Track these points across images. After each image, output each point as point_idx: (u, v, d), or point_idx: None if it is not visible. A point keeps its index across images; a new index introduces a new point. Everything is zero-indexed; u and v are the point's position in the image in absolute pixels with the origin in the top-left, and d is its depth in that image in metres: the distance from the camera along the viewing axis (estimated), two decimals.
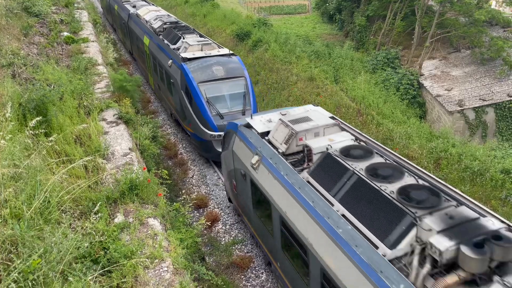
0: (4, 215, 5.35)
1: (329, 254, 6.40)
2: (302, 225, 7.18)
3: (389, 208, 5.99)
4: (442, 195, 6.18)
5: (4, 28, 13.36)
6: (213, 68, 14.58)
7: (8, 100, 8.10)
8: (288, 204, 7.67)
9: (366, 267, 5.53)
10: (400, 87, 23.02)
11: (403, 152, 14.88)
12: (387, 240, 5.73)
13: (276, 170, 8.17)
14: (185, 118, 15.34)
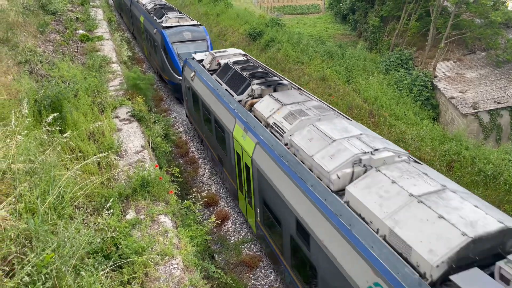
0: (19, 209, 5.46)
1: (228, 123, 11.66)
2: (217, 111, 12.44)
3: (241, 79, 12.27)
4: (270, 75, 12.42)
5: (21, 26, 13.58)
6: (183, 33, 19.67)
7: (25, 96, 8.24)
8: (205, 95, 13.63)
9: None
10: (413, 88, 22.80)
11: (416, 154, 14.76)
12: (237, 92, 11.83)
13: (201, 76, 14.15)
14: (164, 70, 20.48)
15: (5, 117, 7.49)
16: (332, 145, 7.70)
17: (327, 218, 6.79)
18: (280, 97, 10.32)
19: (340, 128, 8.34)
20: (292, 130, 9.00)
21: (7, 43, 11.47)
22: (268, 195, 9.31)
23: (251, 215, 11.10)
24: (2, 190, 5.78)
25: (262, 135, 9.59)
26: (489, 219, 5.46)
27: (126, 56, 19.24)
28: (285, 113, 9.57)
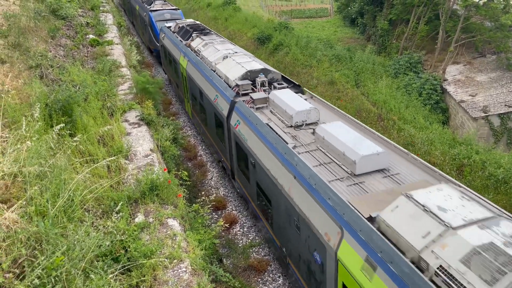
0: (30, 212, 5.51)
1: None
2: (174, 53, 18.59)
3: (188, 32, 18.55)
4: (206, 30, 19.35)
5: (32, 30, 13.76)
6: (164, 14, 26.36)
7: (36, 100, 8.34)
8: (169, 46, 19.73)
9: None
10: (422, 92, 22.66)
11: (425, 158, 14.63)
12: (184, 39, 18.23)
13: (169, 36, 20.09)
14: (150, 42, 27.10)
15: (17, 120, 7.59)
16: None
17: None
18: (204, 37, 17.77)
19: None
20: (201, 49, 16.65)
21: (19, 47, 11.63)
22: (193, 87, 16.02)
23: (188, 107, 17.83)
24: (13, 193, 5.84)
25: (192, 57, 16.59)
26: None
27: (135, 60, 19.39)
28: (203, 43, 16.98)
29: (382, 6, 34.27)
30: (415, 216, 5.96)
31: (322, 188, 7.49)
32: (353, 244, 6.44)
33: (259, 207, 11.05)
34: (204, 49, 16.10)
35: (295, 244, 8.80)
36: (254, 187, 10.99)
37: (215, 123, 13.75)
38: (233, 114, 11.90)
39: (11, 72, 9.79)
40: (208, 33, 18.75)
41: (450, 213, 5.81)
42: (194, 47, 17.01)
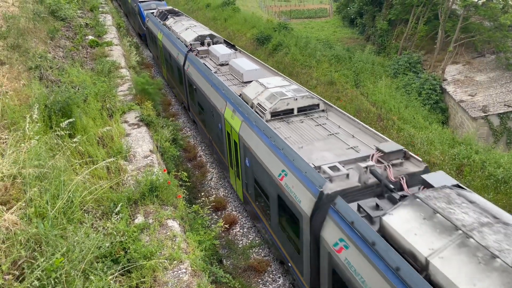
0: (29, 214, 5.51)
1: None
2: (155, 32, 22.97)
3: (165, 14, 24.20)
4: (180, 13, 24.62)
5: (31, 32, 13.75)
6: (151, 4, 30.20)
7: (35, 101, 8.33)
8: (152, 27, 24.02)
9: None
10: (422, 92, 22.68)
11: (425, 158, 14.63)
12: (162, 20, 23.71)
13: (152, 19, 24.12)
14: (139, 27, 31.15)
15: (16, 122, 7.58)
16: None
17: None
18: (175, 17, 22.59)
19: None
20: (172, 25, 21.53)
21: (18, 49, 11.62)
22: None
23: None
24: (13, 194, 5.83)
25: (166, 31, 21.06)
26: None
27: (134, 61, 19.38)
28: (174, 21, 21.85)
29: (381, 6, 34.29)
30: (257, 88, 11.72)
31: (224, 88, 12.95)
32: (230, 108, 12.15)
33: (200, 118, 16.60)
34: (174, 25, 21.42)
35: (214, 128, 14.33)
36: (197, 106, 16.52)
37: (178, 73, 18.71)
38: (186, 62, 16.99)
39: (10, 73, 9.79)
40: (179, 15, 24.26)
41: (272, 84, 11.70)
42: (168, 24, 22.08)
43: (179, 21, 21.58)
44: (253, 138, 10.43)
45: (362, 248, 6.34)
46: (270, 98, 10.88)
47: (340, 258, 6.91)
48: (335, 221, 7.03)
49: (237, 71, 14.14)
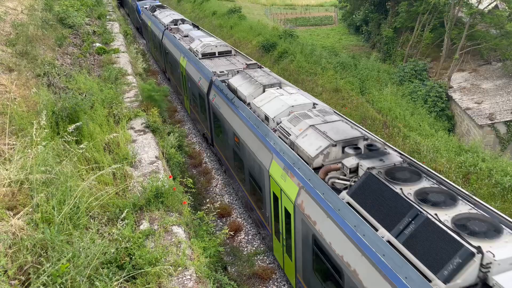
0: (36, 219, 5.54)
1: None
2: (148, 23, 29.11)
3: (153, 7, 32.46)
4: (167, 7, 33.15)
5: (40, 39, 13.93)
6: (146, 2, 35.24)
7: (43, 108, 8.41)
8: (146, 20, 30.06)
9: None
10: (428, 99, 22.61)
11: (431, 165, 14.56)
12: (153, 12, 30.34)
13: (145, 13, 31.21)
14: (137, 21, 36.64)
15: (24, 128, 7.66)
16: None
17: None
18: (162, 10, 29.90)
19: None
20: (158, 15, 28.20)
21: (26, 56, 11.77)
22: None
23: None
24: (20, 200, 5.88)
25: (153, 19, 27.58)
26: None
27: (141, 68, 19.54)
28: (160, 12, 28.86)
29: (386, 14, 34.36)
30: (196, 42, 18.46)
31: (178, 44, 19.57)
32: (184, 56, 18.44)
33: (182, 90, 20.12)
34: (159, 14, 28.14)
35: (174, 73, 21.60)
36: (168, 64, 23.17)
37: (159, 46, 25.19)
38: (163, 36, 23.26)
39: (19, 80, 9.90)
40: (164, 7, 32.04)
41: (206, 40, 18.75)
42: (155, 14, 28.70)
43: (163, 11, 29.17)
44: (190, 69, 17.39)
45: (219, 93, 13.82)
46: (203, 47, 17.63)
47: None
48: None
49: (191, 37, 21.10)
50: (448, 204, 6.26)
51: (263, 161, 10.03)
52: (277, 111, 10.38)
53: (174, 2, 52.84)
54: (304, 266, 8.76)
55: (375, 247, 6.14)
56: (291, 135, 9.20)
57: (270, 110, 10.56)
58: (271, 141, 9.75)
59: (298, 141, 8.88)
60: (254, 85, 12.30)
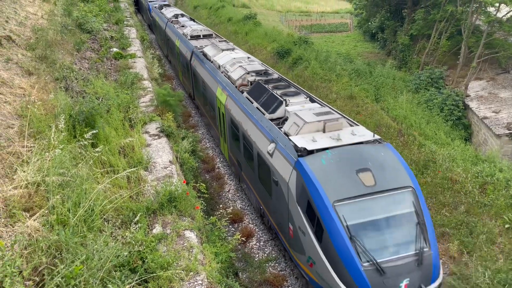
0: (51, 221, 5.63)
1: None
2: (154, 16, 36.06)
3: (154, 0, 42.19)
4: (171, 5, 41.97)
5: (59, 44, 14.21)
6: (156, 3, 39.38)
7: (61, 111, 8.56)
8: (155, 16, 34.79)
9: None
10: (444, 107, 22.32)
11: (447, 175, 14.33)
12: (156, 7, 37.51)
13: (154, 11, 35.73)
14: (148, 19, 42.62)
15: (41, 131, 7.81)
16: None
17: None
18: (167, 7, 36.40)
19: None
20: (164, 12, 34.03)
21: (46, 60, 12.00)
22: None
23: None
24: (36, 201, 5.98)
25: (160, 15, 32.99)
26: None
27: (157, 73, 19.74)
28: (166, 10, 34.68)
29: (403, 21, 34.12)
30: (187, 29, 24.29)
31: (179, 34, 24.26)
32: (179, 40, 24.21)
33: (177, 65, 25.29)
34: (165, 11, 33.61)
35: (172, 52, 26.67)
36: (170, 52, 27.89)
37: (163, 35, 29.70)
38: (166, 27, 28.03)
39: (38, 84, 10.10)
40: (170, 5, 38.88)
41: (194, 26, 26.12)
42: (161, 11, 33.99)
43: (168, 9, 35.29)
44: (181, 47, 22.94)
45: (197, 58, 19.26)
46: (192, 31, 23.32)
47: (193, 67, 20.03)
48: (194, 56, 20.00)
49: (185, 26, 26.15)
50: (290, 95, 12.55)
51: (213, 89, 16.24)
52: (224, 61, 16.84)
53: (191, 9, 53.39)
54: (230, 142, 14.94)
55: (252, 112, 12.40)
56: (229, 72, 15.72)
57: (221, 61, 16.96)
58: (218, 77, 15.99)
59: (231, 73, 15.50)
60: (216, 50, 18.79)
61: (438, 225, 12.65)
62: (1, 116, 7.81)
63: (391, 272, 7.82)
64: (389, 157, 9.14)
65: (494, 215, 12.45)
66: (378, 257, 7.92)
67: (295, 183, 9.06)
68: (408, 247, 8.20)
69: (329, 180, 8.49)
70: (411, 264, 8.00)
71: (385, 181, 8.59)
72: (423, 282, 8.05)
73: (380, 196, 8.41)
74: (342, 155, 8.93)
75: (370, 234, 8.14)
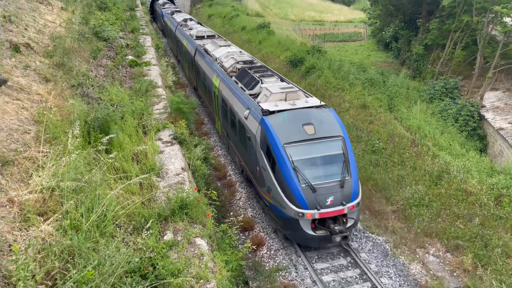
0: (65, 225, 5.70)
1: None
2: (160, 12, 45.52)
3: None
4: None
5: (76, 51, 14.49)
6: (169, 9, 42.80)
7: (76, 118, 8.71)
8: (166, 20, 38.55)
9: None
10: (459, 118, 22.03)
11: (461, 187, 14.12)
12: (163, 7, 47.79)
13: (167, 16, 38.59)
14: (161, 24, 44.75)
15: (57, 136, 7.94)
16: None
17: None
18: (178, 13, 39.84)
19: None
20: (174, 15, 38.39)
21: (63, 67, 12.25)
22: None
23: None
24: (50, 206, 6.07)
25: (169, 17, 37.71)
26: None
27: (171, 81, 19.95)
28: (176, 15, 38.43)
29: (417, 31, 33.93)
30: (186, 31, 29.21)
31: (191, 41, 25.55)
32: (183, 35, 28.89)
33: (184, 62, 28.44)
34: (176, 16, 36.50)
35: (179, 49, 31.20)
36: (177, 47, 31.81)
37: (174, 37, 32.54)
38: (176, 30, 30.86)
39: (55, 90, 10.30)
40: (180, 11, 42.85)
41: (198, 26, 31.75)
42: (172, 16, 36.69)
43: (178, 14, 38.52)
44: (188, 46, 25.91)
45: (199, 54, 22.32)
46: (197, 32, 26.56)
47: (196, 61, 22.90)
48: (197, 52, 22.81)
49: (192, 28, 29.30)
50: (266, 76, 15.84)
51: (210, 77, 19.15)
52: (220, 54, 20.09)
53: (205, 17, 53.96)
54: (221, 118, 17.76)
55: (237, 90, 15.35)
56: (223, 62, 18.94)
57: (218, 54, 20.18)
58: (214, 67, 18.97)
59: (224, 63, 18.76)
60: (215, 46, 22.01)
61: (452, 237, 12.44)
62: (18, 122, 7.98)
63: (320, 191, 11.24)
64: (329, 117, 12.71)
65: (510, 228, 12.20)
66: (312, 181, 11.26)
67: (260, 134, 12.40)
68: (334, 176, 11.61)
69: (282, 130, 11.86)
70: (336, 187, 11.41)
71: (322, 131, 12.08)
72: (344, 200, 11.34)
73: (317, 142, 11.93)
74: (295, 115, 12.47)
75: (308, 166, 11.56)
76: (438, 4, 28.95)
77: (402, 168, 16.19)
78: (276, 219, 12.32)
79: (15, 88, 9.15)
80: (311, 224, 11.39)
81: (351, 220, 11.65)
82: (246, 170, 14.98)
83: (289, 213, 11.36)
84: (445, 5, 27.03)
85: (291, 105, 13.03)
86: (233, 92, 15.62)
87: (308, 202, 11.06)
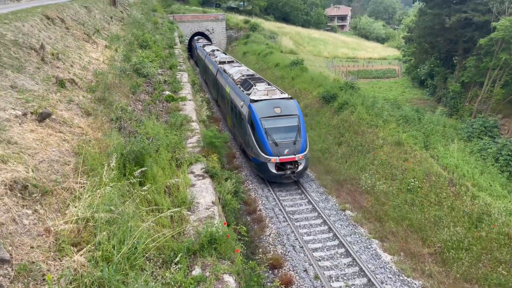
0: (97, 257, 5.80)
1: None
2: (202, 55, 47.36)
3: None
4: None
5: (117, 87, 15.20)
6: (202, 43, 51.83)
7: (113, 150, 9.03)
8: (200, 53, 46.97)
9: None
10: (499, 158, 21.17)
11: (503, 230, 13.38)
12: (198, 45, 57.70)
13: (199, 49, 48.56)
14: (195, 56, 53.44)
15: (94, 168, 8.23)
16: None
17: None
18: (207, 45, 49.80)
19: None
20: (204, 48, 47.96)
21: (103, 101, 12.84)
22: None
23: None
24: (84, 237, 6.22)
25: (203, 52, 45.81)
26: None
27: (205, 115, 20.42)
28: (206, 47, 48.41)
29: (453, 68, 33.52)
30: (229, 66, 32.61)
31: (215, 65, 34.15)
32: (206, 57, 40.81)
33: (209, 81, 37.49)
34: (206, 48, 44.70)
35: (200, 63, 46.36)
36: (209, 78, 38.19)
37: (203, 64, 41.07)
38: (205, 59, 39.66)
39: (95, 124, 10.78)
40: (210, 45, 50.38)
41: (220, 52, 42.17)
42: (203, 48, 44.29)
43: (208, 46, 47.28)
44: (212, 69, 34.32)
45: (220, 74, 30.72)
46: (220, 59, 34.98)
47: (218, 79, 31.39)
48: (218, 73, 31.41)
49: (217, 56, 36.84)
50: (258, 83, 23.82)
51: (225, 87, 26.88)
52: (233, 72, 27.56)
53: (240, 55, 55.59)
54: (230, 115, 25.26)
55: (239, 92, 23.33)
56: (234, 77, 26.58)
57: (231, 72, 27.82)
58: (228, 81, 26.17)
59: (234, 77, 26.57)
60: (231, 67, 30.11)
61: (494, 284, 11.69)
62: (59, 153, 8.35)
63: (281, 145, 19.18)
64: (291, 104, 20.74)
65: None
66: (276, 139, 19.27)
67: (248, 114, 20.26)
68: (290, 137, 19.58)
69: (261, 111, 19.80)
70: (291, 143, 19.39)
71: (285, 111, 20.17)
72: (296, 152, 19.18)
73: (281, 118, 19.91)
74: (270, 102, 20.44)
75: (274, 131, 19.46)
76: (475, 42, 28.62)
77: (439, 209, 15.59)
78: (255, 165, 19.95)
79: (58, 121, 9.65)
80: (275, 166, 18.98)
81: (301, 165, 19.30)
82: (242, 144, 22.38)
83: (261, 160, 19.03)
84: (482, 44, 26.67)
85: (268, 97, 20.92)
86: (236, 93, 23.38)
87: (273, 152, 18.81)
